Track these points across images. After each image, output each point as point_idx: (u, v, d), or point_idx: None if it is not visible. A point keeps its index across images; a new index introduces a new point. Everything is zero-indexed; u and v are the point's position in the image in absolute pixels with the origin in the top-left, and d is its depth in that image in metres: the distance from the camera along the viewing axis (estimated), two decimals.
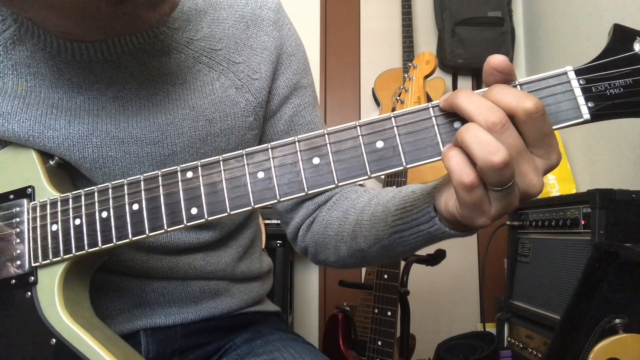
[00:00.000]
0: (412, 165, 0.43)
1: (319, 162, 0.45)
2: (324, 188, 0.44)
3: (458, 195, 0.42)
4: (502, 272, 1.81)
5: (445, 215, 0.47)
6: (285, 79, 0.70)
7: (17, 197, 0.56)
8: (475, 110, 0.40)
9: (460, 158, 0.40)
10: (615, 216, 1.06)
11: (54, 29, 0.55)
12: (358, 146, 0.44)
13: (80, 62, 0.57)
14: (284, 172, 0.45)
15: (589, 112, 0.41)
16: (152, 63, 0.60)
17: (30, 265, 0.53)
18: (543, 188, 0.42)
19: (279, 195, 0.45)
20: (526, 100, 0.39)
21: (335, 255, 0.67)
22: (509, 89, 0.40)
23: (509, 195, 0.41)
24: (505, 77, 0.42)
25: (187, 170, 0.48)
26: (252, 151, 0.47)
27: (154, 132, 0.60)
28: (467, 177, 0.40)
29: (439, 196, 0.48)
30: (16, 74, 0.58)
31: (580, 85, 0.41)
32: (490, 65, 0.42)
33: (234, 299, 0.73)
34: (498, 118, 0.39)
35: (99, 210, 0.51)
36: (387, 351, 1.24)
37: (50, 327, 0.51)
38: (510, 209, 0.42)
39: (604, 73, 0.41)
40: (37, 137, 0.57)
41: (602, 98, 0.41)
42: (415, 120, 0.43)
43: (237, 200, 0.46)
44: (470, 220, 0.43)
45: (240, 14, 0.67)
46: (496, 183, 0.39)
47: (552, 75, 0.42)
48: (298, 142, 0.45)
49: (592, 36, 1.61)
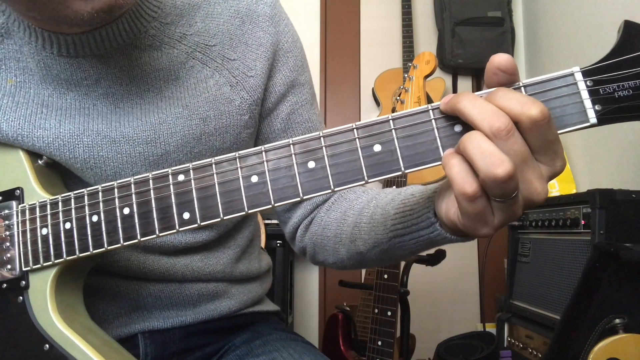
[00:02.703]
0: (410, 170, 0.42)
1: (315, 166, 0.43)
2: (319, 194, 0.43)
3: (460, 205, 0.40)
4: (502, 272, 1.81)
5: (447, 222, 0.46)
6: (282, 76, 0.69)
7: (5, 199, 0.55)
8: (478, 115, 0.38)
9: (462, 167, 0.39)
10: (615, 216, 1.06)
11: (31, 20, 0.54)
12: (355, 150, 0.43)
13: (67, 57, 0.56)
14: (279, 176, 0.44)
15: (596, 115, 0.39)
16: (143, 58, 0.59)
17: (21, 270, 0.52)
18: (547, 195, 0.40)
19: (274, 200, 0.44)
20: (531, 107, 0.37)
21: (334, 257, 0.67)
22: (513, 94, 0.38)
23: (513, 206, 0.39)
24: (509, 77, 0.40)
25: (178, 174, 0.47)
26: (246, 154, 0.45)
27: (147, 131, 0.59)
28: (469, 188, 0.38)
29: (439, 202, 0.47)
30: (5, 69, 0.57)
31: (587, 87, 0.39)
32: (494, 65, 0.40)
33: (233, 301, 0.73)
34: (503, 124, 0.37)
35: (89, 214, 0.50)
36: (387, 351, 1.23)
37: (43, 333, 0.51)
38: (514, 218, 0.40)
39: (613, 74, 0.39)
40: (26, 136, 0.56)
41: (610, 101, 0.39)
42: (414, 123, 0.42)
43: (231, 205, 0.45)
44: (473, 230, 0.42)
45: (235, 9, 0.66)
46: (499, 195, 0.38)
47: (558, 76, 0.40)
48: (293, 145, 0.44)
49: (592, 36, 1.61)
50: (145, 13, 0.58)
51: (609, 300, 0.91)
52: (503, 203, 0.39)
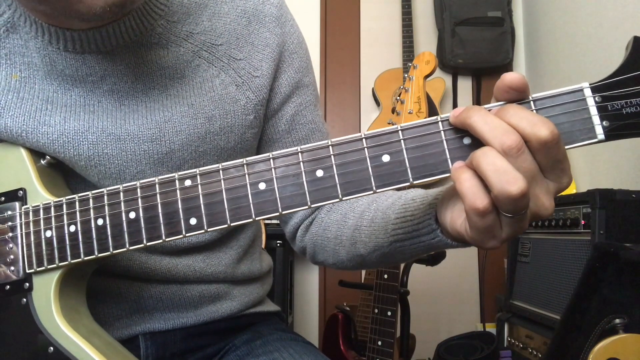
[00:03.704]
0: (419, 181, 0.42)
1: (323, 174, 0.43)
2: (327, 202, 0.43)
3: (469, 219, 0.41)
4: (502, 272, 1.81)
5: (451, 232, 0.46)
6: (287, 77, 0.69)
7: (8, 200, 0.54)
8: (490, 132, 0.38)
9: (474, 182, 0.39)
10: (615, 216, 1.06)
11: (40, 14, 0.53)
12: (363, 159, 0.43)
13: (72, 52, 0.56)
14: (286, 183, 0.44)
15: (604, 132, 0.39)
16: (149, 56, 0.59)
17: (25, 272, 0.52)
18: (553, 210, 0.41)
19: (281, 208, 0.44)
20: (541, 128, 0.37)
21: (334, 258, 0.67)
22: (524, 112, 0.39)
23: (522, 221, 0.40)
24: (520, 94, 0.40)
25: (185, 179, 0.47)
26: (253, 161, 0.45)
27: (152, 129, 0.59)
28: (480, 203, 0.38)
29: (443, 210, 0.47)
30: (10, 63, 0.56)
31: (595, 104, 0.40)
32: (505, 84, 0.40)
33: (235, 302, 0.73)
34: (514, 142, 0.37)
35: (94, 217, 0.49)
36: (387, 351, 1.23)
37: (48, 335, 0.50)
38: (521, 232, 0.41)
39: (621, 90, 0.39)
40: (30, 133, 0.56)
41: (618, 117, 0.39)
42: (423, 134, 0.42)
43: (238, 212, 0.45)
44: (480, 243, 0.42)
45: (242, 9, 0.65)
46: (511, 211, 0.38)
47: (567, 91, 0.40)
48: (301, 152, 0.44)
49: (592, 36, 1.61)
50: (153, 11, 0.58)
51: (609, 300, 0.91)
52: (512, 218, 0.39)
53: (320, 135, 0.73)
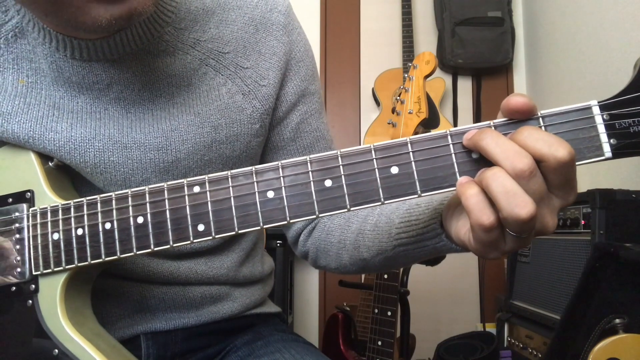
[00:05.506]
0: (426, 194, 0.42)
1: (331, 184, 0.43)
2: (335, 212, 0.43)
3: (474, 233, 0.41)
4: (502, 272, 1.81)
5: (455, 240, 0.46)
6: (293, 85, 0.68)
7: (15, 201, 0.54)
8: (501, 154, 0.38)
9: (480, 198, 0.39)
10: (615, 216, 1.06)
11: (47, 23, 0.53)
12: (372, 170, 0.43)
13: (79, 60, 0.56)
14: (295, 192, 0.44)
15: (611, 149, 0.40)
16: (156, 64, 0.59)
17: (31, 274, 0.52)
18: (555, 227, 0.41)
19: (289, 216, 0.44)
20: (559, 149, 0.37)
21: (336, 262, 0.67)
22: (539, 134, 0.39)
23: (527, 239, 0.40)
24: (527, 116, 0.41)
25: (194, 185, 0.47)
26: (262, 169, 0.45)
27: (158, 137, 0.59)
28: (486, 219, 0.39)
29: (449, 219, 0.47)
30: (17, 68, 0.57)
31: (604, 121, 0.40)
32: (511, 108, 0.40)
33: (236, 303, 0.73)
34: (526, 165, 0.37)
35: (102, 221, 0.50)
36: (387, 351, 1.23)
37: (53, 337, 0.50)
38: (523, 246, 0.41)
39: (629, 109, 0.40)
40: (37, 138, 0.56)
41: (625, 135, 0.40)
42: (432, 147, 0.42)
43: (246, 219, 0.45)
44: (483, 254, 0.43)
45: (249, 17, 0.65)
46: (518, 232, 0.39)
47: (575, 108, 0.41)
48: (310, 162, 0.44)
49: (592, 36, 1.61)
50: (160, 18, 0.58)
51: (609, 300, 0.91)
52: (518, 237, 0.39)
53: (325, 143, 0.73)
